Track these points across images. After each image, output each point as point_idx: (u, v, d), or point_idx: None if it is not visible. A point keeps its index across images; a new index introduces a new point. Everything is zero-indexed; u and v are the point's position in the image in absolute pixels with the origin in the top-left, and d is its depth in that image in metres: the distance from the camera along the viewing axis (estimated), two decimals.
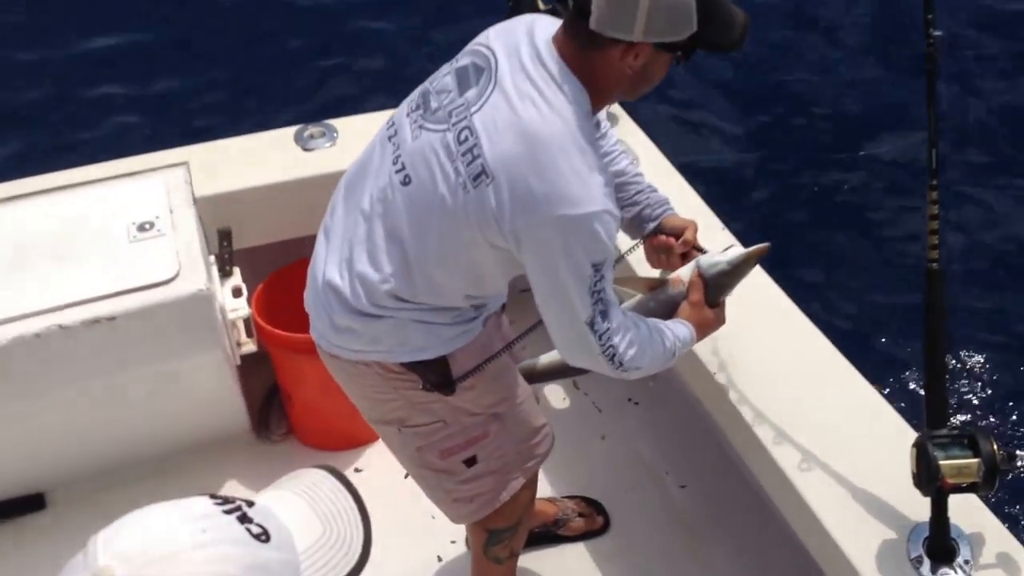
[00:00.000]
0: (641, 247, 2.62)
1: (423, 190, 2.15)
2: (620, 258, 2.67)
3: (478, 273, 2.22)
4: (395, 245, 2.20)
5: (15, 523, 3.25)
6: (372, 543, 1.23)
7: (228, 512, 1.11)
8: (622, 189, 2.53)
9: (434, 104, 2.18)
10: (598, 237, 2.06)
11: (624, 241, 2.66)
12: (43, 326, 2.84)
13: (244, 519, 1.11)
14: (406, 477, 2.65)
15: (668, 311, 2.42)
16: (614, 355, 2.19)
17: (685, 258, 2.53)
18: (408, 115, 2.24)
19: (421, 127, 2.18)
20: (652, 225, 2.55)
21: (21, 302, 2.89)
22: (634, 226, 2.59)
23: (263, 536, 1.10)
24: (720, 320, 2.47)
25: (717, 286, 2.44)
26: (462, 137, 2.09)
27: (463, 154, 2.08)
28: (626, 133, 3.48)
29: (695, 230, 2.54)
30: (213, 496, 1.15)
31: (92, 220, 3.11)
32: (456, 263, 2.19)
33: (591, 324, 2.14)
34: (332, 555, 1.18)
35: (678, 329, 2.35)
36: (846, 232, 5.23)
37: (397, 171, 2.20)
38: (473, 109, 2.09)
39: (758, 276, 2.83)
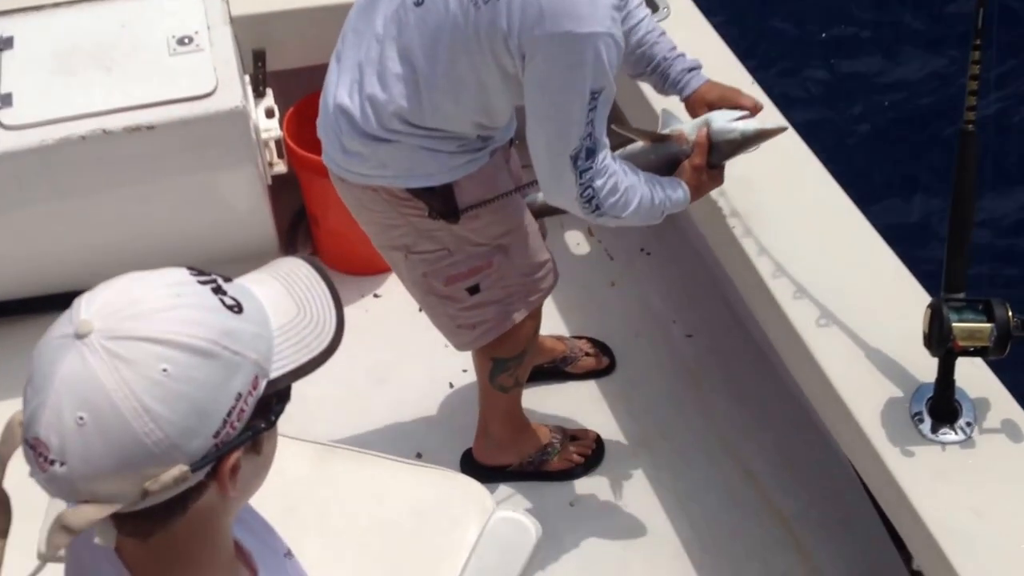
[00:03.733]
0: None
1: (435, 9, 2.16)
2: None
3: (486, 97, 2.24)
4: (406, 66, 2.23)
5: (54, 317, 3.31)
6: (344, 329, 1.26)
7: (203, 283, 1.16)
8: (644, 56, 2.54)
9: None
10: (600, 60, 2.07)
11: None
12: (88, 129, 2.92)
13: (218, 291, 1.16)
14: (420, 311, 2.72)
15: (667, 166, 2.42)
16: (592, 197, 2.21)
17: None
18: None
19: None
20: (684, 95, 2.54)
21: (67, 105, 2.95)
22: (662, 89, 2.60)
23: (236, 308, 1.15)
24: (718, 182, 2.47)
25: (723, 153, 2.42)
26: None
27: None
28: None
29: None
30: (191, 268, 1.19)
31: (133, 31, 3.14)
32: (465, 86, 2.21)
33: (575, 159, 2.15)
34: (306, 334, 1.21)
35: (673, 189, 2.36)
36: (877, 88, 5.18)
37: None
38: None
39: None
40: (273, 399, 1.18)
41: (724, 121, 2.41)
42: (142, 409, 1.07)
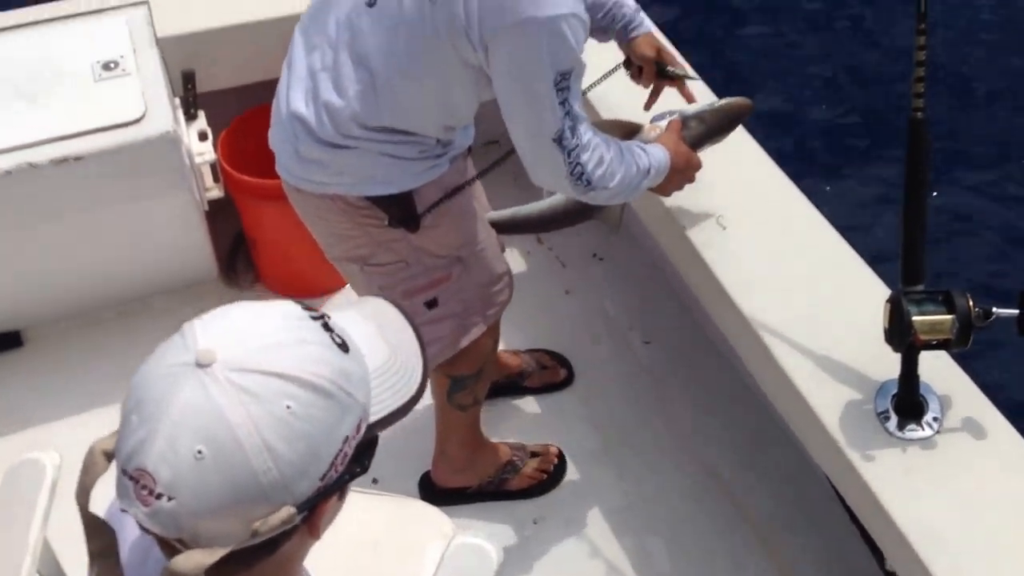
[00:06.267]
0: (620, 71, 2.65)
1: (389, 10, 2.13)
2: (598, 81, 2.67)
3: (448, 93, 2.21)
4: (362, 70, 2.18)
5: None
6: (428, 377, 1.26)
7: (315, 319, 1.14)
8: (595, 10, 2.51)
9: None
10: (566, 41, 2.05)
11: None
12: (13, 163, 2.83)
13: (327, 327, 1.14)
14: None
15: None
16: (582, 173, 2.18)
17: (662, 75, 2.57)
18: None
19: None
20: (631, 35, 2.56)
21: None
22: (608, 28, 2.59)
23: (344, 347, 1.13)
24: (695, 162, 2.49)
25: (694, 132, 2.48)
26: None
27: None
28: None
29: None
30: (297, 301, 1.17)
31: (56, 58, 3.06)
32: (426, 83, 2.17)
33: (559, 139, 2.13)
34: (396, 380, 1.20)
35: (654, 150, 2.36)
36: (826, 80, 5.19)
37: None
38: None
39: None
40: (364, 444, 1.16)
41: (692, 106, 2.52)
42: (264, 446, 1.05)
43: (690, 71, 2.63)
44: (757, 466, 3.00)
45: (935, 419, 2.24)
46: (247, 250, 3.51)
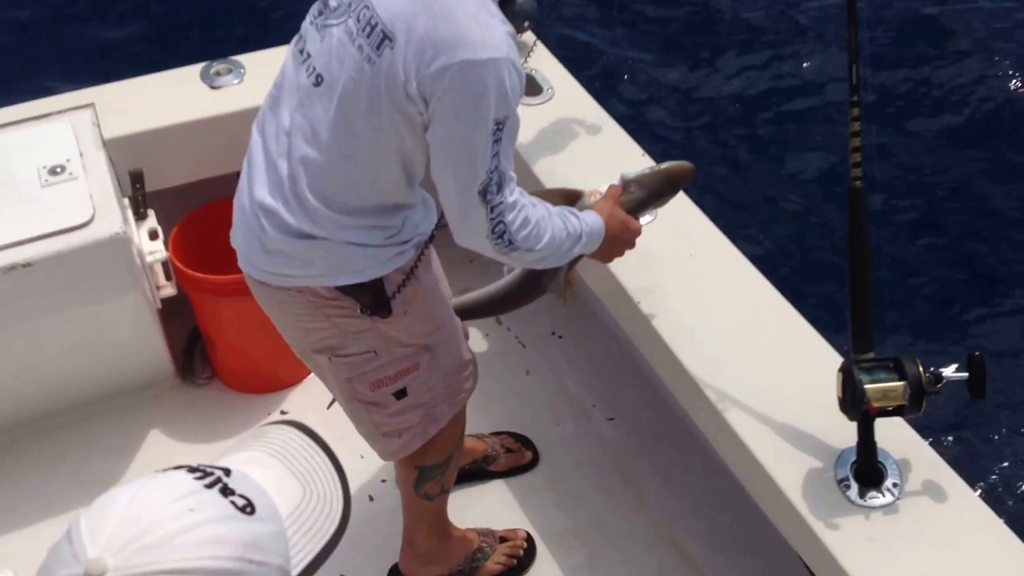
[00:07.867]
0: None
1: (334, 83, 2.13)
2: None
3: (403, 156, 2.18)
4: (318, 148, 2.17)
5: None
6: (352, 500, 1.19)
7: (210, 486, 1.07)
8: None
9: (333, 3, 2.17)
10: (502, 87, 2.04)
11: None
12: None
13: (226, 491, 1.07)
14: (328, 407, 2.62)
15: None
16: (504, 232, 2.16)
17: None
18: (312, 23, 2.22)
19: (325, 27, 2.17)
20: None
21: None
22: None
23: (248, 508, 1.06)
24: (633, 227, 2.45)
25: (634, 197, 2.46)
26: (361, 17, 2.08)
27: (362, 29, 2.07)
28: (543, 64, 3.43)
29: None
30: (191, 469, 1.09)
31: (2, 166, 3.00)
32: (379, 150, 2.15)
33: (484, 193, 2.11)
34: (315, 517, 1.15)
35: (586, 215, 2.34)
36: (768, 153, 5.24)
37: (308, 75, 2.18)
38: None
39: (680, 202, 2.81)
40: None
41: (633, 169, 2.47)
42: None
43: None
44: (727, 542, 2.98)
45: (895, 485, 2.26)
46: (203, 346, 3.47)
